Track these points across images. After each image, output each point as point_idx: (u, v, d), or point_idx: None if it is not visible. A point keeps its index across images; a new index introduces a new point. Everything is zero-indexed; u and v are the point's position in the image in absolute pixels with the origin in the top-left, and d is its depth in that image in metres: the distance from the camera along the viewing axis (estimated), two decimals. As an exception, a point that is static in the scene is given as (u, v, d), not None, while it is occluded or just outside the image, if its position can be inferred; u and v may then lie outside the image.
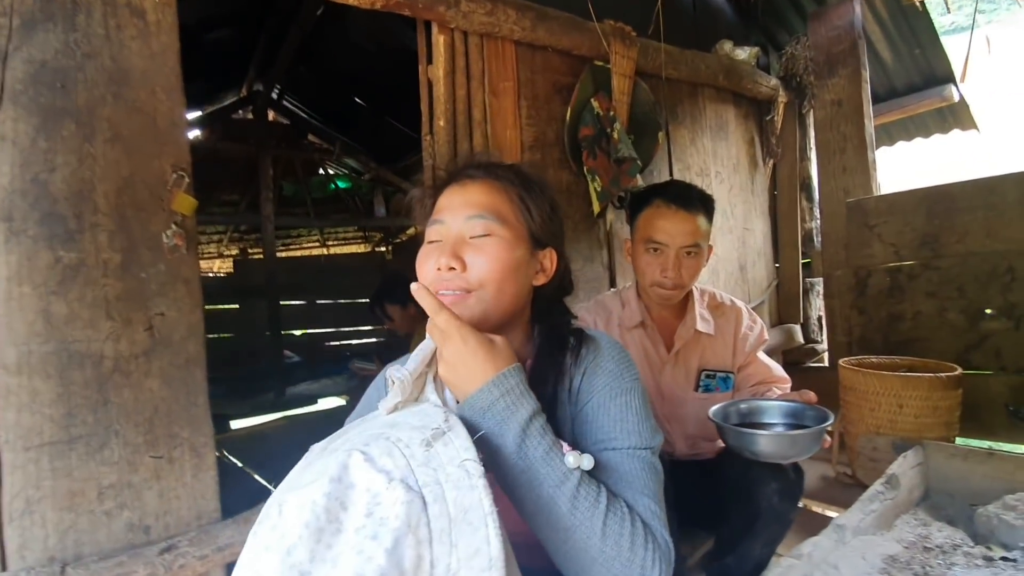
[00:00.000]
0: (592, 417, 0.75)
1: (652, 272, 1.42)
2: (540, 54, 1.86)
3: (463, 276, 0.73)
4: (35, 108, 1.06)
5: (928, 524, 1.43)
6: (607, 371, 0.78)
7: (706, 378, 1.53)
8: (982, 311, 2.19)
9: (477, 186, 0.78)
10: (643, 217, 1.43)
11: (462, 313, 0.71)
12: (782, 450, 1.17)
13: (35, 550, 1.03)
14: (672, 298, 1.46)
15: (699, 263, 1.43)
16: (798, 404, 1.28)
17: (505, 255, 0.74)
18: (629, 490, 0.70)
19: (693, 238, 1.39)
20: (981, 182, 2.21)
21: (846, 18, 2.66)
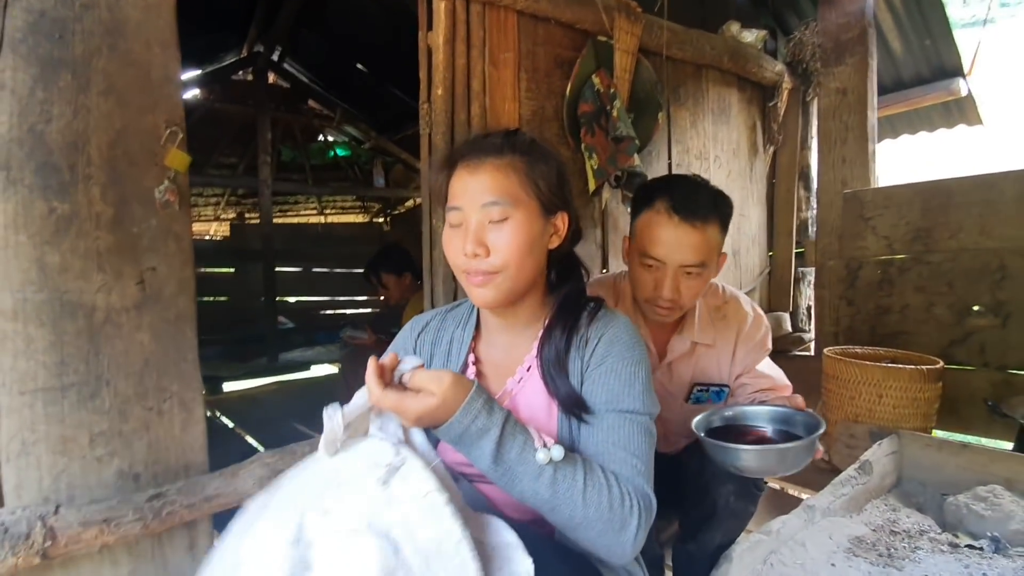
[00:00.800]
0: (604, 379, 0.83)
1: (646, 287, 1.24)
2: (542, 26, 1.84)
3: (488, 260, 0.81)
4: (34, 58, 1.06)
5: (897, 510, 1.48)
6: (622, 342, 0.86)
7: (698, 391, 1.41)
8: (969, 307, 2.21)
9: (486, 168, 0.82)
10: (642, 220, 1.23)
11: (490, 292, 0.82)
12: (770, 465, 1.06)
13: (30, 490, 1.06)
14: (668, 319, 1.28)
15: (702, 282, 1.23)
16: (787, 409, 1.16)
17: (523, 236, 0.81)
18: (623, 450, 0.79)
19: (697, 255, 1.17)
20: (979, 178, 2.21)
21: (857, 4, 2.62)
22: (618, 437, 0.80)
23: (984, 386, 2.16)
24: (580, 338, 0.86)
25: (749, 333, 1.38)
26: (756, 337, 1.39)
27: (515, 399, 0.89)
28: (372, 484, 0.58)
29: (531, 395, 0.88)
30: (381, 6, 3.51)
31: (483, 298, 0.83)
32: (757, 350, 1.40)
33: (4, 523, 1.01)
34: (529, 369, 0.89)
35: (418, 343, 0.96)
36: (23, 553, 1.01)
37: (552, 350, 0.85)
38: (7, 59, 1.04)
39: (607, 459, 0.78)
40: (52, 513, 1.04)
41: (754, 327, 1.39)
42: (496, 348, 0.93)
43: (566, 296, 0.90)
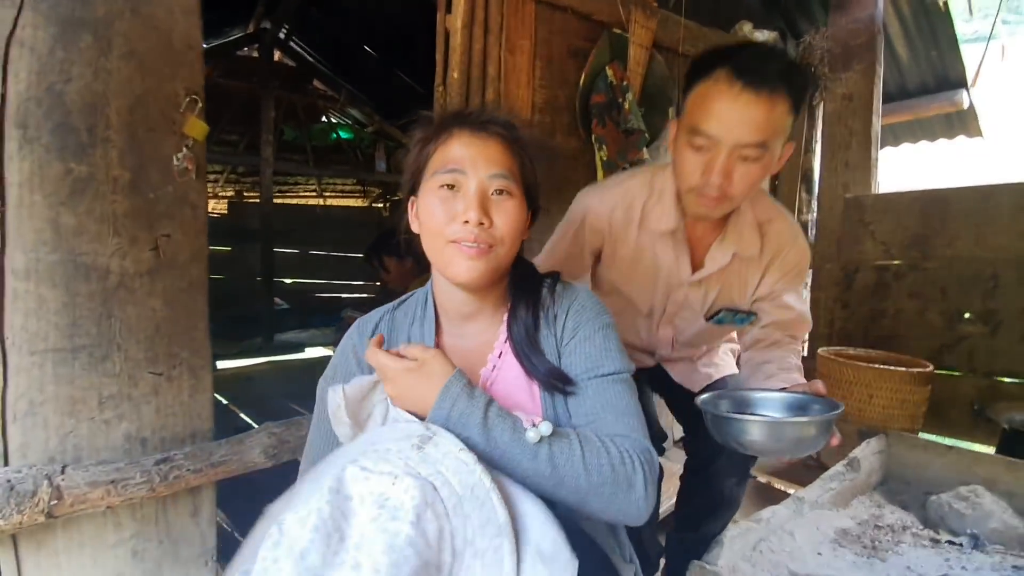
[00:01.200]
0: (580, 348, 0.83)
1: (692, 174, 1.03)
2: (559, 15, 1.85)
3: (489, 231, 0.77)
4: (54, 16, 1.06)
5: (882, 506, 1.52)
6: (589, 309, 0.86)
7: (724, 313, 1.28)
8: (961, 314, 2.26)
9: (500, 143, 0.81)
10: (696, 93, 1.02)
11: (481, 266, 0.78)
12: (780, 442, 0.95)
13: (36, 450, 1.07)
14: (713, 212, 1.08)
15: (760, 171, 1.00)
16: (803, 396, 1.04)
17: (520, 215, 0.80)
18: (613, 412, 0.80)
19: (757, 133, 0.96)
20: (976, 189, 2.26)
21: (868, 11, 2.64)
22: (606, 400, 0.80)
23: (971, 391, 2.22)
24: (548, 314, 0.86)
25: (788, 258, 1.22)
26: (793, 264, 1.23)
27: (492, 388, 0.86)
28: (407, 448, 0.60)
29: (509, 381, 0.85)
30: (392, -12, 3.49)
31: (472, 272, 0.78)
32: (790, 279, 1.24)
33: (10, 481, 1.02)
34: (501, 355, 0.86)
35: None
36: (28, 511, 1.02)
37: (521, 328, 0.84)
38: (27, 16, 1.04)
39: (600, 424, 0.79)
40: (59, 473, 1.05)
41: (795, 254, 1.22)
42: (463, 339, 0.89)
43: (522, 276, 0.88)
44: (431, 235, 0.80)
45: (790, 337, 1.27)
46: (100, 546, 1.15)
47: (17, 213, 1.04)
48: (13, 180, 1.03)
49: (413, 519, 0.52)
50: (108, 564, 1.15)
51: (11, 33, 1.03)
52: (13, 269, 1.04)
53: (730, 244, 1.18)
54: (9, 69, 1.02)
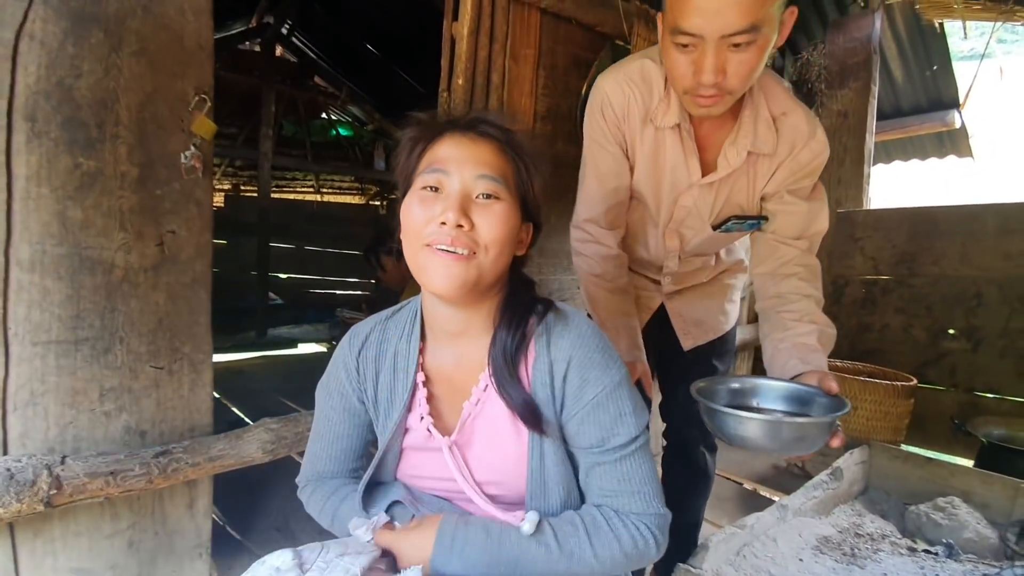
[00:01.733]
0: (592, 417, 0.76)
1: (683, 76, 0.94)
2: (564, 26, 1.88)
3: (470, 235, 0.70)
4: (65, 11, 1.07)
5: (863, 515, 1.57)
6: (596, 363, 0.76)
7: (734, 221, 1.17)
8: (945, 331, 2.32)
9: (489, 145, 0.75)
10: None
11: (459, 274, 0.70)
12: (772, 440, 0.89)
13: (36, 439, 1.08)
14: (715, 110, 0.98)
15: (758, 54, 0.90)
16: (809, 388, 0.97)
17: (508, 222, 0.72)
18: (628, 489, 0.76)
19: (743, 16, 0.85)
20: (964, 209, 2.31)
21: (865, 31, 2.70)
22: (620, 476, 0.75)
23: (952, 405, 2.27)
24: (541, 360, 0.77)
25: (800, 157, 1.08)
26: (805, 163, 1.09)
27: (474, 424, 0.79)
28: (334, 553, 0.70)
29: (493, 419, 0.79)
30: (397, -12, 3.51)
31: (450, 281, 0.70)
32: (799, 179, 1.10)
33: (10, 470, 1.03)
34: (486, 388, 0.78)
35: (360, 361, 0.84)
36: (27, 500, 1.03)
37: (499, 354, 0.76)
38: (37, 9, 1.05)
39: (613, 502, 0.76)
40: (59, 463, 1.06)
41: (807, 153, 1.08)
42: (446, 360, 0.82)
43: (512, 294, 0.80)
44: (408, 237, 0.73)
45: (803, 259, 1.13)
46: (96, 536, 1.16)
47: (24, 205, 1.05)
48: (20, 173, 1.04)
49: None
50: (104, 554, 1.17)
51: (21, 26, 1.04)
52: (18, 260, 1.05)
53: (744, 141, 1.05)
54: (18, 62, 1.04)
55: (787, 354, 1.05)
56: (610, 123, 1.12)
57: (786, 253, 1.13)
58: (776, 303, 1.12)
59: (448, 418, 0.82)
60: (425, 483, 0.83)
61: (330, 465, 0.89)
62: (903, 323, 2.42)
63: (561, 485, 0.78)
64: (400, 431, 0.82)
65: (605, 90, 1.11)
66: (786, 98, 1.07)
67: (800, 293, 1.10)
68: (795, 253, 1.13)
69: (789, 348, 1.06)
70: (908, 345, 2.40)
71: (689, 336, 1.38)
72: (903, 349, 2.41)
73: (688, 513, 1.44)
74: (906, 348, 2.40)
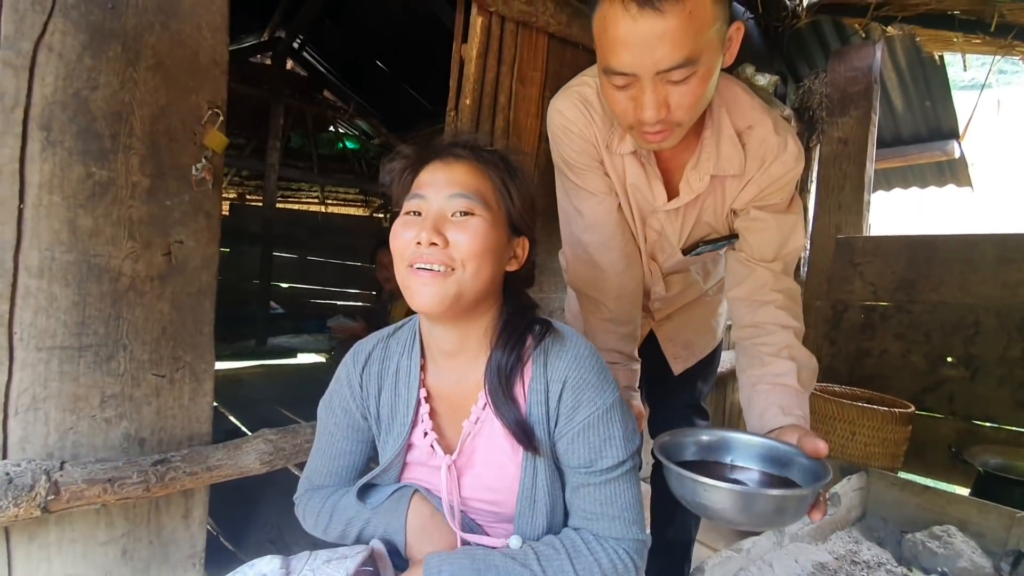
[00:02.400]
0: (582, 437, 0.77)
1: (624, 114, 0.88)
2: (571, 50, 1.91)
3: (445, 252, 0.73)
4: (84, 25, 1.10)
5: (860, 542, 1.56)
6: (591, 384, 0.78)
7: (704, 244, 1.13)
8: (943, 358, 2.32)
9: (462, 165, 0.78)
10: (596, 22, 0.84)
11: (438, 291, 0.72)
12: (753, 514, 0.77)
13: (35, 444, 1.09)
14: (666, 144, 0.91)
15: (701, 84, 0.83)
16: (788, 448, 0.86)
17: (486, 235, 0.74)
18: (610, 513, 0.77)
19: (676, 51, 0.78)
20: (963, 237, 2.33)
21: (866, 61, 2.75)
22: (604, 499, 0.77)
23: (949, 433, 2.27)
24: (537, 381, 0.78)
25: (771, 171, 1.00)
26: (776, 178, 1.00)
27: (474, 443, 0.82)
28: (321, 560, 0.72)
29: (492, 438, 0.81)
30: (406, 7, 3.58)
31: (430, 298, 0.72)
32: (769, 193, 1.02)
33: (9, 474, 1.03)
34: (485, 408, 0.80)
35: (364, 377, 0.86)
36: (25, 505, 1.03)
37: (495, 374, 0.77)
38: (57, 22, 1.08)
39: (595, 525, 0.77)
40: (57, 468, 1.07)
41: (778, 166, 0.99)
42: (445, 380, 0.84)
43: (510, 314, 0.81)
44: (395, 260, 0.77)
45: (780, 283, 1.05)
46: (91, 543, 1.16)
47: (35, 212, 1.07)
48: (33, 180, 1.06)
49: None
50: (97, 561, 1.16)
51: (40, 37, 1.07)
52: (27, 266, 1.07)
53: (707, 164, 0.99)
54: (36, 72, 1.06)
55: (765, 398, 0.98)
56: (576, 140, 1.04)
57: (761, 276, 1.05)
58: (752, 333, 1.05)
59: (450, 436, 0.84)
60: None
61: (329, 481, 0.90)
62: (902, 349, 2.42)
63: (548, 504, 0.79)
64: (404, 447, 0.84)
65: (560, 111, 1.05)
66: (751, 109, 0.99)
67: (778, 323, 1.02)
68: (770, 276, 1.05)
69: (767, 391, 0.98)
70: (907, 372, 2.40)
71: (679, 360, 1.39)
72: (902, 375, 2.42)
73: (677, 529, 1.43)
74: (905, 374, 2.41)
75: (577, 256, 1.15)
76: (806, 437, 0.85)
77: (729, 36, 0.85)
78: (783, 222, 1.05)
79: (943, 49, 2.55)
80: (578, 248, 1.14)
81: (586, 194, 1.09)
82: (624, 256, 1.12)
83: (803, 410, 0.96)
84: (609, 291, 1.12)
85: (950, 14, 2.26)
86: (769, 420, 0.95)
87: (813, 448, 0.83)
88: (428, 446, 0.82)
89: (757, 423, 0.97)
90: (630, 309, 1.16)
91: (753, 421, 0.99)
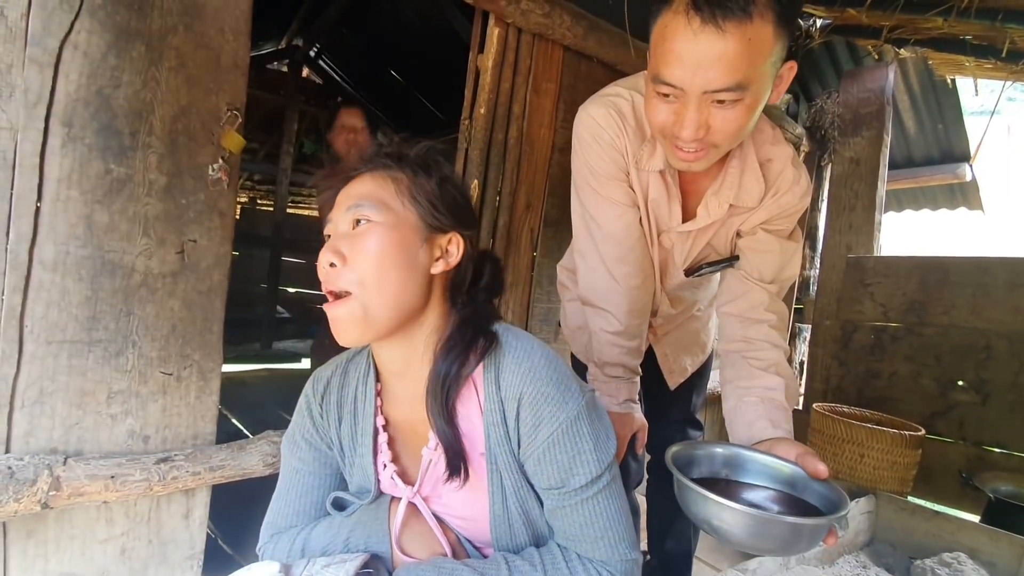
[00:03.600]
0: (548, 457, 0.71)
1: (663, 125, 0.87)
2: (585, 63, 1.93)
3: (342, 273, 0.68)
4: (110, 25, 1.12)
5: (867, 567, 1.53)
6: (550, 398, 0.70)
7: (708, 266, 1.15)
8: (954, 382, 2.29)
9: (359, 179, 0.74)
10: (656, 28, 0.83)
11: (344, 316, 0.67)
12: (766, 539, 0.74)
13: (40, 439, 1.08)
14: (696, 166, 0.91)
15: (745, 113, 0.82)
16: (799, 470, 0.84)
17: (382, 242, 0.68)
18: (591, 534, 0.71)
19: (728, 74, 0.77)
20: (974, 260, 2.32)
21: (879, 82, 2.76)
22: (583, 520, 0.71)
23: (959, 459, 2.23)
24: (490, 401, 0.72)
25: (781, 200, 1.03)
26: (786, 207, 1.04)
27: (438, 468, 0.76)
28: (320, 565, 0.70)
29: None
30: (423, 18, 3.63)
31: (342, 330, 0.68)
32: (777, 221, 1.05)
33: (11, 468, 1.03)
34: None
35: (323, 407, 0.82)
36: (25, 500, 1.03)
37: (436, 386, 0.71)
38: (83, 22, 1.09)
39: (577, 546, 0.72)
40: (60, 463, 1.06)
41: (789, 197, 1.02)
42: (398, 404, 0.79)
43: (455, 327, 0.74)
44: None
45: (774, 305, 1.08)
46: (90, 540, 1.15)
47: (53, 207, 1.08)
48: (52, 175, 1.07)
49: None
50: (96, 559, 1.15)
51: (66, 35, 1.08)
52: (42, 260, 1.07)
53: (728, 193, 1.00)
54: (60, 69, 1.08)
55: (753, 410, 0.98)
56: (606, 148, 1.03)
57: (757, 295, 1.07)
58: (743, 347, 1.06)
59: (411, 465, 0.80)
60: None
61: (297, 520, 0.84)
62: (912, 372, 2.39)
63: (527, 526, 0.75)
64: (375, 477, 0.80)
65: (593, 117, 1.04)
66: (773, 143, 1.02)
67: (769, 342, 1.04)
68: (766, 296, 1.07)
69: (755, 403, 0.98)
70: (917, 395, 2.37)
71: (674, 374, 1.39)
72: (911, 398, 2.38)
73: (675, 540, 1.42)
74: (915, 397, 2.38)
75: (591, 268, 1.13)
76: (808, 457, 0.84)
77: (781, 74, 0.84)
78: (786, 247, 1.08)
79: (955, 73, 2.55)
80: (593, 259, 1.12)
81: (608, 204, 1.08)
82: (640, 270, 1.12)
83: (790, 426, 0.97)
84: (621, 304, 1.11)
85: (962, 39, 2.27)
86: (758, 432, 0.95)
87: (814, 470, 0.82)
88: (389, 478, 0.78)
89: (745, 433, 0.97)
90: (640, 324, 1.15)
91: (740, 431, 0.99)
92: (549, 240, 1.92)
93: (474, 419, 0.74)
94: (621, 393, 1.12)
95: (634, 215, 1.09)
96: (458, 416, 0.73)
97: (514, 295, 1.85)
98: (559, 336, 1.99)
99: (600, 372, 1.14)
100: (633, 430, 1.12)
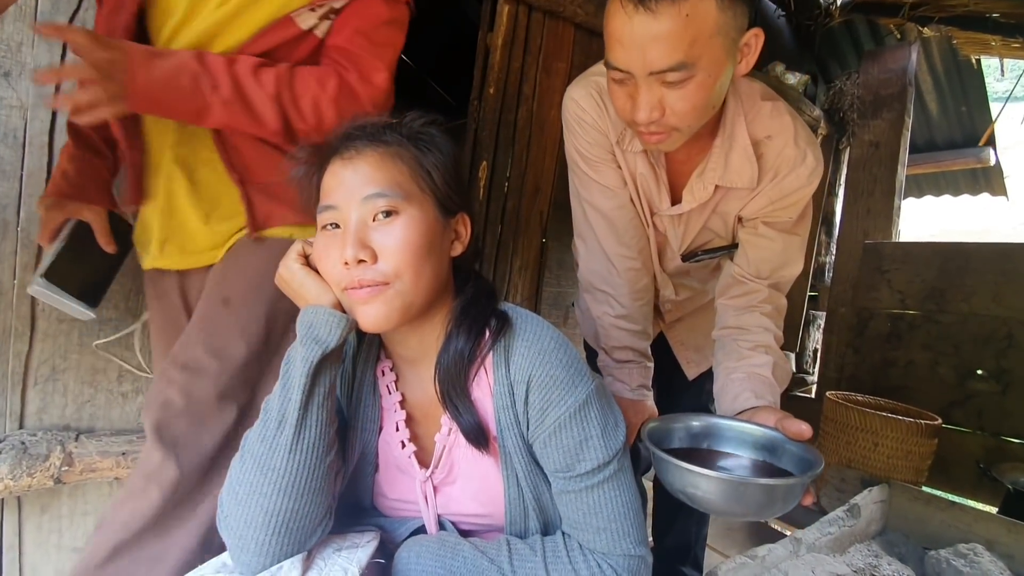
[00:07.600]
0: (555, 441, 0.70)
1: (623, 109, 0.88)
2: (597, 41, 1.89)
3: (375, 268, 0.65)
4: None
5: (880, 556, 1.51)
6: (559, 381, 0.69)
7: (703, 253, 1.13)
8: (973, 371, 2.24)
9: (366, 159, 0.68)
10: (604, 15, 0.84)
11: (381, 310, 0.65)
12: (742, 504, 0.77)
13: (53, 415, 1.10)
14: (664, 147, 0.90)
15: (700, 91, 0.81)
16: (776, 434, 0.87)
17: (417, 234, 0.66)
18: (595, 523, 0.70)
19: (671, 55, 0.77)
20: (997, 247, 2.25)
21: (900, 63, 2.67)
22: (588, 508, 0.70)
23: (977, 450, 2.19)
24: (500, 384, 0.71)
25: (784, 184, 0.97)
26: (789, 192, 0.98)
27: (451, 456, 0.75)
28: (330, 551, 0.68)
29: (469, 447, 0.74)
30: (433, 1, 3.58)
31: (374, 319, 0.66)
32: (780, 209, 1.01)
33: (24, 443, 1.05)
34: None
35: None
36: (39, 475, 1.05)
37: (445, 370, 0.70)
38: None
39: (580, 535, 0.71)
40: (73, 439, 1.08)
41: (793, 179, 0.97)
42: (414, 388, 0.77)
43: (465, 306, 0.73)
44: (331, 284, 0.68)
45: (772, 298, 1.07)
46: (103, 516, 1.17)
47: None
48: (62, 154, 1.08)
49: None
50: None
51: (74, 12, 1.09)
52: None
53: (712, 175, 0.98)
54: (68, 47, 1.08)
55: (739, 385, 0.98)
56: (589, 130, 1.03)
57: (753, 289, 1.07)
58: (734, 332, 1.06)
59: (427, 447, 0.78)
60: (396, 504, 0.80)
61: None
62: (929, 360, 2.34)
63: (538, 512, 0.75)
64: (372, 455, 0.79)
65: (575, 99, 1.03)
66: (772, 117, 0.96)
67: (761, 326, 1.04)
68: (764, 292, 1.06)
69: (742, 379, 0.99)
70: (934, 384, 2.32)
71: (692, 364, 1.37)
72: (928, 388, 2.34)
73: (679, 536, 1.41)
74: (932, 387, 2.33)
75: (589, 250, 1.13)
76: (787, 420, 0.85)
77: (746, 42, 0.83)
78: (788, 243, 1.05)
79: (980, 52, 2.47)
80: (590, 241, 1.12)
81: (599, 187, 1.08)
82: (638, 252, 1.12)
83: (775, 397, 0.96)
84: (622, 286, 1.11)
85: (988, 16, 2.19)
86: (742, 402, 0.95)
87: (796, 430, 0.82)
88: (407, 457, 0.77)
89: (729, 405, 0.98)
90: (642, 307, 1.14)
91: (725, 404, 0.99)
92: (559, 224, 1.90)
93: (486, 404, 0.73)
94: (634, 378, 1.12)
95: (625, 196, 1.08)
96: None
97: (523, 279, 1.83)
98: (568, 321, 1.97)
99: (609, 358, 1.14)
100: (644, 418, 1.11)
